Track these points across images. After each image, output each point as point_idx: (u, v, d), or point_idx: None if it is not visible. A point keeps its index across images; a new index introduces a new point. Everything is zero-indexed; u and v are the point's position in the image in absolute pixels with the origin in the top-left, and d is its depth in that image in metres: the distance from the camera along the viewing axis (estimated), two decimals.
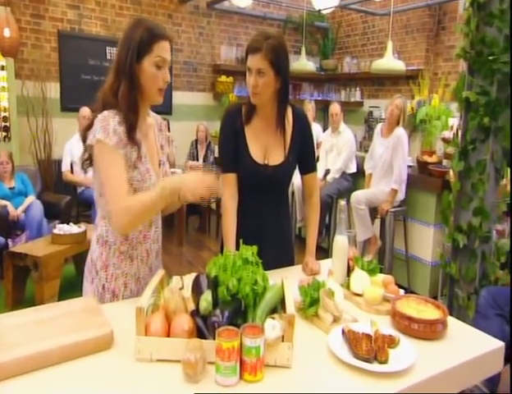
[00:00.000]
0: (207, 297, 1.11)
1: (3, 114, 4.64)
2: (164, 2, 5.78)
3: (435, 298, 3.34)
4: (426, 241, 3.68)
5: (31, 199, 3.95)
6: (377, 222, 3.91)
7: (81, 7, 5.28)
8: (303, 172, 1.79)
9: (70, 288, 3.22)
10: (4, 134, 4.66)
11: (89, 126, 1.33)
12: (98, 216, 1.45)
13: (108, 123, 1.29)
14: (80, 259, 3.75)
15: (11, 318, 1.16)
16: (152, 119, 1.50)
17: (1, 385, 0.96)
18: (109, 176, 1.30)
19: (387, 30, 4.53)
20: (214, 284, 1.16)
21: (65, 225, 3.36)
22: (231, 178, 1.67)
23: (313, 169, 1.79)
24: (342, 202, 1.54)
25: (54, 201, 4.21)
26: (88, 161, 1.38)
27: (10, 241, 3.60)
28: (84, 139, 1.35)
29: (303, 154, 1.73)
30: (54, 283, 3.13)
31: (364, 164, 4.02)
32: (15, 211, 3.79)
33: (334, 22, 6.89)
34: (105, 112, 1.31)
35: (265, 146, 1.68)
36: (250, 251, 1.25)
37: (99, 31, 5.39)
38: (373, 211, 3.76)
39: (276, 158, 1.68)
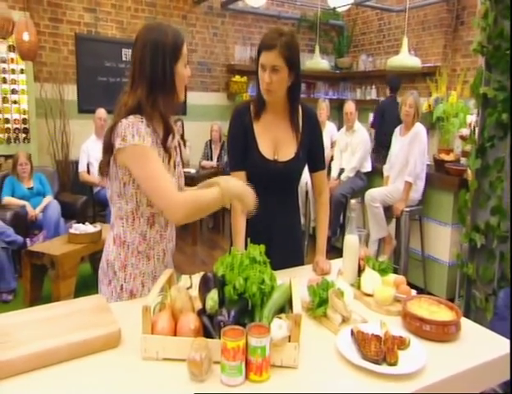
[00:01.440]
0: (213, 296, 1.10)
1: (23, 116, 4.75)
2: (179, 4, 5.83)
3: (452, 299, 3.27)
4: (443, 241, 3.60)
5: (49, 199, 4.03)
6: (393, 221, 3.85)
7: (97, 10, 5.36)
8: (312, 170, 1.77)
9: (86, 287, 3.27)
10: (24, 135, 4.77)
11: (111, 131, 1.33)
12: (113, 216, 1.45)
13: (139, 127, 1.30)
14: (95, 258, 3.80)
15: (22, 315, 1.18)
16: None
17: (10, 381, 0.97)
18: (155, 174, 1.30)
19: (403, 27, 4.46)
20: (221, 283, 1.16)
21: (81, 224, 3.41)
22: (240, 176, 1.66)
23: (322, 167, 1.78)
24: (353, 201, 1.52)
25: (71, 201, 4.28)
26: (105, 166, 1.38)
27: (28, 240, 3.68)
28: (107, 142, 1.34)
29: (312, 152, 1.72)
30: (70, 282, 3.18)
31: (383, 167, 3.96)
32: (33, 211, 3.87)
33: (349, 20, 6.83)
34: (130, 118, 1.31)
35: (275, 142, 1.67)
36: (258, 250, 1.24)
37: (115, 34, 5.46)
38: (388, 210, 3.70)
39: (286, 153, 1.67)
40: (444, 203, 3.58)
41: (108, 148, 1.35)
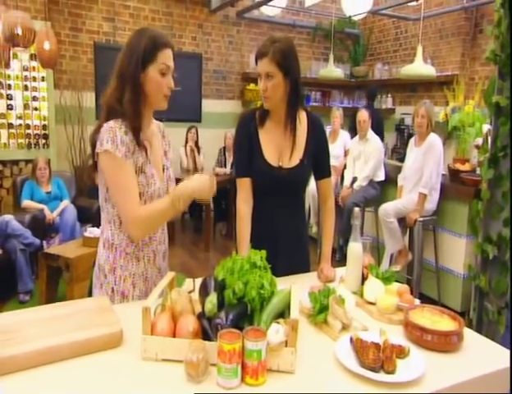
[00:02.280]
0: (212, 299, 1.12)
1: (43, 122, 4.89)
2: (195, 13, 5.93)
3: (467, 312, 3.21)
4: (458, 252, 3.54)
5: (66, 203, 4.12)
6: (406, 231, 3.80)
7: (116, 20, 5.49)
8: (317, 178, 1.77)
9: None
10: (43, 141, 4.90)
11: (97, 131, 1.37)
12: (102, 221, 1.48)
13: (115, 134, 1.33)
14: None
15: (29, 313, 1.22)
16: (155, 126, 1.54)
17: (12, 377, 1.00)
18: (120, 187, 1.34)
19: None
20: (221, 287, 1.17)
21: (95, 228, 3.47)
22: (246, 182, 1.68)
23: (328, 175, 1.78)
24: (356, 209, 1.52)
25: (87, 206, 4.36)
26: (94, 166, 1.42)
27: (45, 243, 3.76)
28: (92, 143, 1.39)
29: (318, 160, 1.72)
30: (84, 284, 3.23)
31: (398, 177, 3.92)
32: (50, 214, 3.97)
33: (365, 28, 6.83)
34: (111, 123, 1.34)
35: (279, 149, 1.68)
36: (259, 255, 1.25)
37: None
38: (403, 220, 3.66)
39: (291, 160, 1.68)
40: (459, 213, 3.52)
41: (92, 150, 1.39)
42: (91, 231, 3.43)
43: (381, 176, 4.22)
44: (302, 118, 1.69)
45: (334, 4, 5.65)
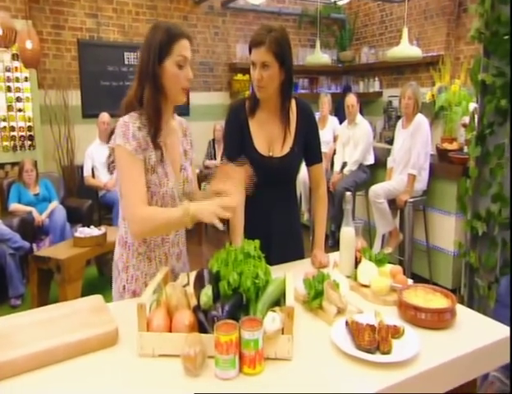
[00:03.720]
0: (207, 292, 1.12)
1: (28, 124, 4.81)
2: (179, 5, 5.84)
3: (458, 289, 3.26)
4: (447, 231, 3.58)
5: (55, 204, 4.07)
6: (398, 213, 3.83)
7: (99, 15, 5.40)
8: (308, 164, 1.77)
9: (93, 289, 3.28)
10: (29, 142, 4.83)
11: (113, 131, 1.36)
12: (119, 217, 1.48)
13: (128, 128, 1.32)
14: (101, 261, 3.85)
15: (21, 317, 1.21)
16: (176, 123, 1.51)
17: (9, 382, 0.99)
18: (127, 179, 1.33)
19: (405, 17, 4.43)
20: (215, 279, 1.17)
21: (86, 228, 3.45)
22: None
23: (319, 160, 1.77)
24: (348, 193, 1.52)
25: (76, 205, 4.33)
26: (113, 163, 1.41)
27: (34, 245, 3.73)
28: (108, 142, 1.39)
29: (308, 145, 1.72)
30: (76, 285, 3.21)
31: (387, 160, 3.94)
32: (39, 216, 3.91)
33: (351, 13, 6.79)
34: (126, 117, 1.33)
35: (269, 138, 1.68)
36: (253, 245, 1.25)
37: (117, 38, 5.50)
38: (393, 202, 3.68)
39: (281, 149, 1.67)
40: (448, 192, 3.55)
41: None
42: (82, 231, 3.41)
43: (370, 160, 4.23)
44: (292, 105, 1.69)
45: None
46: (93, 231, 3.38)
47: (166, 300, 1.14)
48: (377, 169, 4.22)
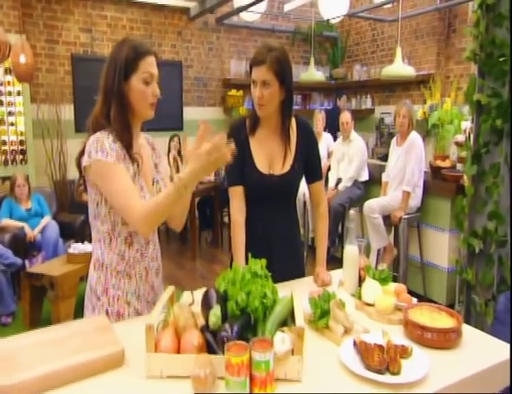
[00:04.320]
0: (216, 312, 1.11)
1: (20, 138, 4.78)
2: (174, 20, 5.90)
3: (452, 305, 3.27)
4: (441, 247, 3.61)
5: (47, 219, 4.02)
6: (391, 229, 3.86)
7: (93, 30, 5.43)
8: (309, 182, 1.78)
9: None
10: (21, 157, 4.80)
11: (82, 152, 1.34)
12: (93, 241, 1.44)
13: (103, 143, 1.30)
14: None
15: (24, 339, 1.17)
16: (143, 139, 1.51)
17: None
18: (118, 190, 1.30)
19: (397, 36, 4.52)
20: (223, 299, 1.16)
21: (79, 244, 3.41)
22: (239, 191, 1.68)
23: (319, 178, 1.79)
24: (352, 211, 1.53)
25: (69, 221, 4.27)
26: (84, 185, 1.39)
27: (27, 262, 3.66)
28: (78, 161, 1.36)
29: (308, 163, 1.74)
30: (70, 302, 3.17)
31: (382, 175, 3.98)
32: (31, 232, 3.85)
33: (343, 31, 6.93)
34: (97, 134, 1.32)
35: (270, 156, 1.69)
36: (259, 264, 1.25)
37: None
38: (387, 218, 3.71)
39: (282, 167, 1.69)
40: (441, 209, 3.60)
41: (79, 167, 1.36)
42: (75, 247, 3.37)
43: (364, 176, 4.27)
44: (292, 124, 1.71)
45: (313, 8, 5.71)
46: (86, 247, 3.35)
47: (174, 321, 1.12)
48: (371, 185, 4.26)
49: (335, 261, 3.49)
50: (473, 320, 2.36)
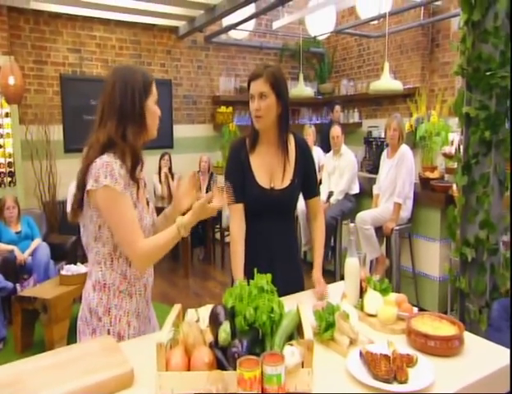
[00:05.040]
0: (225, 328, 1.12)
1: (8, 160, 4.72)
2: (163, 39, 5.97)
3: (445, 313, 3.30)
4: (432, 257, 3.67)
5: (38, 241, 3.94)
6: (383, 240, 3.90)
7: (82, 50, 5.45)
8: (307, 197, 1.84)
9: None
10: (9, 179, 4.73)
11: (85, 169, 1.34)
12: (90, 264, 1.45)
13: (113, 168, 1.32)
14: None
15: (30, 363, 1.16)
16: None
17: None
18: (123, 221, 1.33)
19: (382, 51, 4.65)
20: (231, 315, 1.18)
21: (72, 265, 3.36)
22: (239, 208, 1.71)
23: (317, 193, 1.86)
24: (352, 224, 1.56)
25: (60, 242, 4.21)
26: (78, 204, 1.38)
27: (18, 286, 3.57)
28: (80, 182, 1.35)
29: (306, 180, 1.79)
30: (64, 324, 3.11)
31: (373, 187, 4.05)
32: (22, 255, 3.76)
33: (330, 47, 7.08)
34: (105, 157, 1.32)
35: (270, 170, 1.74)
36: (265, 279, 1.27)
37: (100, 72, 5.53)
38: (379, 230, 3.76)
39: (282, 181, 1.73)
40: (431, 219, 3.66)
41: (81, 187, 1.36)
42: (68, 269, 3.32)
43: (355, 189, 4.33)
44: (290, 140, 1.76)
45: (300, 25, 5.83)
46: (80, 269, 3.30)
47: (184, 339, 1.13)
48: (362, 198, 4.31)
49: (328, 275, 3.51)
50: (467, 328, 2.37)
